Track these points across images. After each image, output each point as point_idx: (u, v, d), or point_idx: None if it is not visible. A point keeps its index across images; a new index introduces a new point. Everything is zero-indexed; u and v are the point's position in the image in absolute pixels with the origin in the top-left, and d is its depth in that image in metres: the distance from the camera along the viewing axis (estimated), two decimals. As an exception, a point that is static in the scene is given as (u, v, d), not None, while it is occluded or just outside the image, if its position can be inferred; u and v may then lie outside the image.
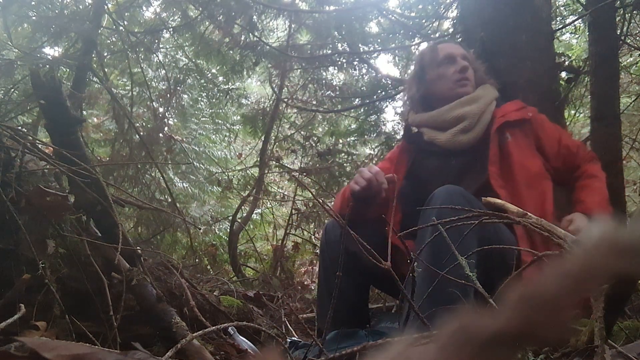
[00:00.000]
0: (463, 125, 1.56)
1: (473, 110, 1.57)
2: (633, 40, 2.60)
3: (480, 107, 1.58)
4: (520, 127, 1.56)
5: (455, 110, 1.58)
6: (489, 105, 1.60)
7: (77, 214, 1.28)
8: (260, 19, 3.48)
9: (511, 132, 1.54)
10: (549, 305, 0.19)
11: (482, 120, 1.57)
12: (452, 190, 1.26)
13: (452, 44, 1.74)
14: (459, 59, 1.65)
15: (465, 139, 1.57)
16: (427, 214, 1.22)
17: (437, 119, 1.62)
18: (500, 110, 1.59)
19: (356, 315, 1.55)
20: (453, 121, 1.58)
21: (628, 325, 1.03)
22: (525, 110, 1.60)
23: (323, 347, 0.91)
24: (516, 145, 1.52)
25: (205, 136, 4.48)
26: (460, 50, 1.69)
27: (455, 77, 1.62)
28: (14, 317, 0.80)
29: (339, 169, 3.77)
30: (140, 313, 1.23)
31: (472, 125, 1.56)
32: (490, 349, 0.19)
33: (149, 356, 0.71)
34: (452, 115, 1.58)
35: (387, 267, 0.88)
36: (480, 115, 1.57)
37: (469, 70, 1.65)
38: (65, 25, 2.90)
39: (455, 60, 1.65)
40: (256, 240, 4.23)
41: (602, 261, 0.19)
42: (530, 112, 1.59)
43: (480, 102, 1.59)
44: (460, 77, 1.62)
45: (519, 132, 1.55)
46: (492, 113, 1.59)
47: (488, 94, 1.63)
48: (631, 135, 2.96)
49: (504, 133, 1.54)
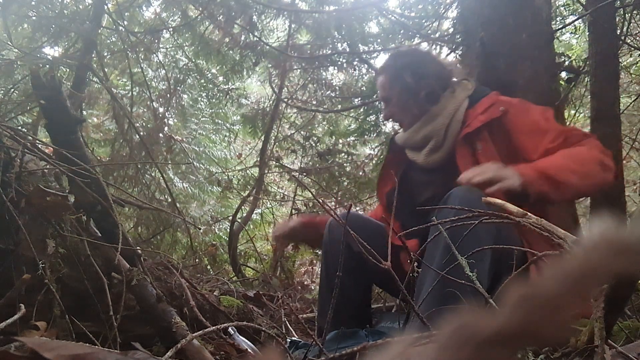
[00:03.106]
0: (431, 144, 1.53)
1: (436, 127, 1.52)
2: (633, 40, 2.60)
3: (444, 122, 1.51)
4: (489, 130, 1.44)
5: (419, 133, 1.55)
6: (455, 114, 1.51)
7: (77, 214, 1.28)
8: (260, 19, 3.48)
9: (481, 139, 1.44)
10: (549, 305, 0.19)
11: (450, 132, 1.51)
12: (470, 191, 1.23)
13: (378, 81, 1.66)
14: (383, 104, 1.64)
15: (438, 157, 1.54)
16: (443, 213, 1.19)
17: (409, 140, 1.61)
18: (471, 113, 1.49)
19: (358, 315, 1.55)
20: (422, 141, 1.56)
21: (628, 325, 1.03)
22: (495, 108, 1.46)
23: (323, 347, 0.91)
24: (485, 156, 1.41)
25: (205, 136, 4.47)
26: (381, 91, 1.64)
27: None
28: (14, 317, 0.80)
29: (339, 169, 3.77)
30: (140, 313, 1.23)
31: (440, 142, 1.52)
32: (491, 348, 0.19)
33: (149, 356, 0.71)
34: (418, 137, 1.56)
35: (387, 267, 0.89)
36: (445, 129, 1.51)
37: (394, 112, 1.61)
38: (65, 25, 2.90)
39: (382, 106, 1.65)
40: (256, 240, 4.23)
41: (602, 261, 0.19)
42: (503, 107, 1.45)
43: (444, 115, 1.52)
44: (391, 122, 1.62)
45: (488, 137, 1.44)
46: (461, 120, 1.50)
47: (451, 102, 1.53)
48: (631, 135, 2.96)
49: (474, 143, 1.45)
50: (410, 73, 1.55)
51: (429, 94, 1.55)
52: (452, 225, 0.95)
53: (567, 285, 0.19)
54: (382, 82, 1.63)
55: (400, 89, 1.57)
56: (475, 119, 1.46)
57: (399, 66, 1.59)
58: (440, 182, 1.50)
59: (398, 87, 1.57)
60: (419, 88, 1.55)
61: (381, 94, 1.64)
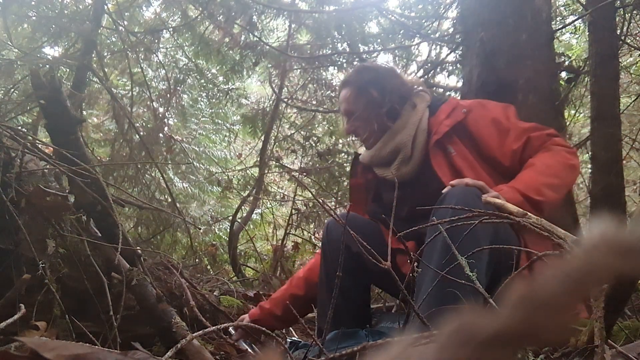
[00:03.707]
0: (400, 157, 1.52)
1: (402, 139, 1.51)
2: (633, 40, 2.60)
3: (409, 133, 1.51)
4: (457, 134, 1.45)
5: (386, 147, 1.54)
6: (420, 122, 1.52)
7: (77, 214, 1.28)
8: (260, 19, 3.48)
9: (452, 143, 1.45)
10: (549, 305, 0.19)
11: (418, 143, 1.51)
12: (467, 190, 1.24)
13: (341, 94, 1.63)
14: (345, 118, 1.60)
15: (410, 168, 1.53)
16: (440, 213, 1.19)
17: (376, 158, 1.59)
18: (435, 121, 1.50)
19: (357, 315, 1.55)
20: (390, 156, 1.55)
21: (628, 325, 1.03)
22: (457, 111, 1.48)
23: (323, 347, 0.91)
24: (461, 159, 1.43)
25: (205, 136, 4.48)
26: (344, 105, 1.60)
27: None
28: (14, 317, 0.80)
29: (339, 169, 3.77)
30: (140, 313, 1.23)
31: (409, 153, 1.52)
32: (490, 348, 0.19)
33: (149, 356, 0.71)
34: (385, 152, 1.55)
35: (387, 267, 0.89)
36: (412, 140, 1.51)
37: (358, 127, 1.58)
38: (65, 25, 2.90)
39: (344, 121, 1.62)
40: (256, 240, 4.23)
41: (602, 261, 0.19)
42: (465, 109, 1.48)
43: (408, 127, 1.52)
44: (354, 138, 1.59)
45: (458, 140, 1.45)
46: (426, 130, 1.51)
47: (412, 114, 1.54)
48: (631, 135, 2.96)
49: (446, 148, 1.46)
50: (375, 88, 1.56)
51: (390, 111, 1.55)
52: (451, 226, 0.95)
53: (567, 286, 0.19)
54: (345, 95, 1.60)
55: (365, 103, 1.56)
56: (441, 124, 1.47)
57: (365, 80, 1.58)
58: (418, 195, 1.49)
59: (364, 101, 1.57)
60: (383, 103, 1.55)
61: (344, 107, 1.61)
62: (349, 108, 1.60)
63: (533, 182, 1.31)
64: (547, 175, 1.32)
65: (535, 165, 1.36)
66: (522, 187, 1.31)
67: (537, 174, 1.33)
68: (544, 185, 1.30)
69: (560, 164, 1.35)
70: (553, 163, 1.35)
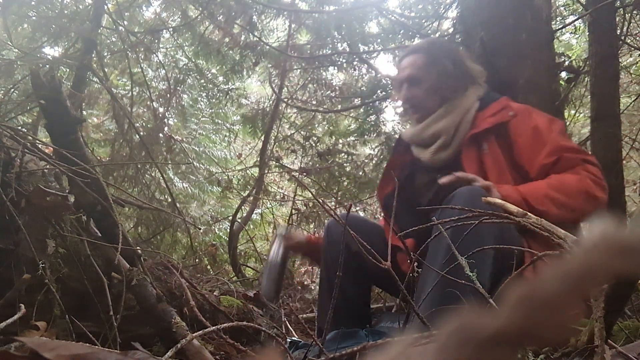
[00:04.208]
0: (440, 142, 1.52)
1: (447, 125, 1.51)
2: (633, 40, 2.60)
3: (455, 120, 1.51)
4: (496, 134, 1.45)
5: (430, 128, 1.54)
6: (466, 114, 1.51)
7: (77, 214, 1.28)
8: (260, 19, 3.48)
9: (487, 141, 1.44)
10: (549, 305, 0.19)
11: (460, 132, 1.51)
12: (474, 191, 1.24)
13: (407, 60, 1.60)
14: (404, 84, 1.57)
15: (445, 155, 1.53)
16: (446, 213, 1.18)
17: (417, 137, 1.59)
18: (481, 116, 1.50)
19: (357, 315, 1.55)
20: (430, 139, 1.55)
21: (628, 325, 1.03)
22: (505, 111, 1.47)
23: (323, 347, 0.91)
24: (491, 158, 1.42)
25: (205, 136, 4.47)
26: (407, 70, 1.57)
27: (404, 105, 1.57)
28: (14, 317, 0.80)
29: (339, 169, 3.77)
30: (140, 313, 1.23)
31: (449, 141, 1.52)
32: (491, 348, 0.19)
33: (149, 356, 0.71)
34: (427, 134, 1.55)
35: (387, 267, 0.89)
36: (455, 128, 1.51)
37: (415, 95, 1.56)
38: (65, 25, 2.90)
39: (400, 87, 1.58)
40: (256, 240, 4.23)
41: (602, 261, 0.19)
42: (512, 112, 1.46)
43: (454, 114, 1.52)
44: (403, 108, 1.57)
45: (494, 140, 1.44)
46: (471, 122, 1.51)
47: (463, 102, 1.53)
48: (631, 135, 2.96)
49: (481, 144, 1.45)
50: (451, 60, 1.55)
51: (455, 88, 1.54)
52: (452, 226, 0.95)
53: (567, 286, 0.19)
54: (413, 62, 1.57)
55: (437, 73, 1.55)
56: (485, 120, 1.47)
57: (441, 50, 1.57)
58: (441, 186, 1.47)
59: (435, 70, 1.55)
60: (454, 77, 1.54)
61: (409, 72, 1.57)
62: (416, 74, 1.56)
63: (538, 191, 1.30)
64: (557, 191, 1.30)
65: (551, 178, 1.34)
66: (525, 191, 1.30)
67: (546, 186, 1.32)
68: (548, 198, 1.28)
69: (578, 188, 1.31)
70: (570, 183, 1.31)
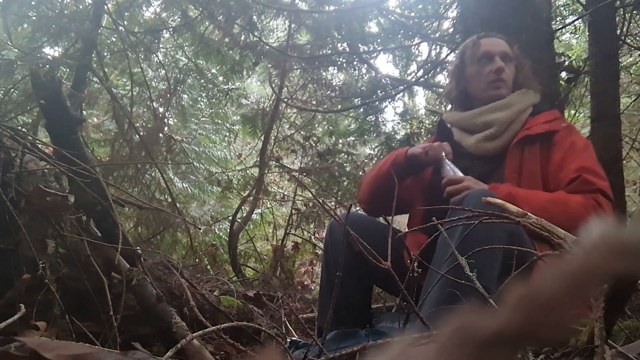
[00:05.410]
0: (489, 132, 1.52)
1: (502, 117, 1.52)
2: (633, 40, 2.60)
3: (511, 115, 1.52)
4: (541, 142, 1.47)
5: (484, 116, 1.54)
6: (522, 113, 1.53)
7: (77, 214, 1.28)
8: (260, 19, 3.49)
9: (530, 147, 1.46)
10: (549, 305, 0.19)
11: (511, 128, 1.51)
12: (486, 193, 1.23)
13: (496, 40, 1.64)
14: (497, 57, 1.58)
15: (490, 146, 1.53)
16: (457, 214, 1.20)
17: (466, 121, 1.59)
18: (532, 120, 1.51)
19: (358, 315, 1.55)
20: (481, 126, 1.55)
21: (628, 325, 1.03)
22: (557, 122, 1.50)
23: (323, 347, 0.91)
24: (530, 164, 1.44)
25: (205, 136, 4.48)
26: (501, 47, 1.61)
27: (490, 77, 1.56)
28: (14, 317, 0.80)
29: (339, 169, 3.77)
30: (140, 313, 1.23)
31: (499, 133, 1.52)
32: (491, 348, 0.19)
33: (149, 356, 0.71)
34: (480, 121, 1.55)
35: (387, 267, 0.89)
36: (509, 123, 1.51)
37: (506, 72, 1.57)
38: (65, 25, 2.90)
39: (492, 59, 1.58)
40: (256, 240, 4.23)
41: (602, 261, 0.19)
42: (565, 124, 1.50)
43: (513, 109, 1.53)
44: (494, 78, 1.56)
45: (538, 148, 1.46)
46: (523, 122, 1.52)
47: (523, 100, 1.55)
48: (631, 135, 2.96)
49: (524, 148, 1.47)
50: (525, 58, 1.64)
51: (523, 85, 1.58)
52: (453, 225, 0.95)
53: (567, 286, 0.19)
54: (502, 43, 1.61)
55: (520, 57, 1.62)
56: (538, 125, 1.48)
57: (516, 46, 1.65)
58: (476, 176, 1.45)
59: (515, 59, 1.61)
60: (524, 74, 1.60)
61: (502, 49, 1.60)
62: (509, 53, 1.60)
63: (531, 198, 1.30)
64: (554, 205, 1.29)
65: (553, 194, 1.35)
66: (518, 191, 1.32)
67: (543, 198, 1.32)
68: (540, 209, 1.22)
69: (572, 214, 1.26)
70: (570, 206, 1.29)
